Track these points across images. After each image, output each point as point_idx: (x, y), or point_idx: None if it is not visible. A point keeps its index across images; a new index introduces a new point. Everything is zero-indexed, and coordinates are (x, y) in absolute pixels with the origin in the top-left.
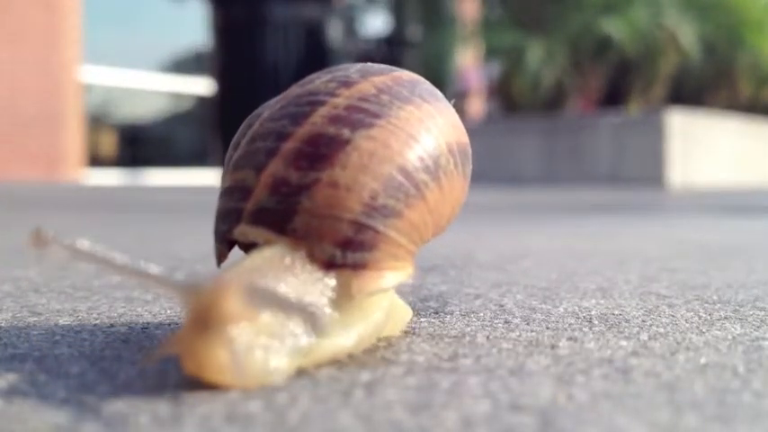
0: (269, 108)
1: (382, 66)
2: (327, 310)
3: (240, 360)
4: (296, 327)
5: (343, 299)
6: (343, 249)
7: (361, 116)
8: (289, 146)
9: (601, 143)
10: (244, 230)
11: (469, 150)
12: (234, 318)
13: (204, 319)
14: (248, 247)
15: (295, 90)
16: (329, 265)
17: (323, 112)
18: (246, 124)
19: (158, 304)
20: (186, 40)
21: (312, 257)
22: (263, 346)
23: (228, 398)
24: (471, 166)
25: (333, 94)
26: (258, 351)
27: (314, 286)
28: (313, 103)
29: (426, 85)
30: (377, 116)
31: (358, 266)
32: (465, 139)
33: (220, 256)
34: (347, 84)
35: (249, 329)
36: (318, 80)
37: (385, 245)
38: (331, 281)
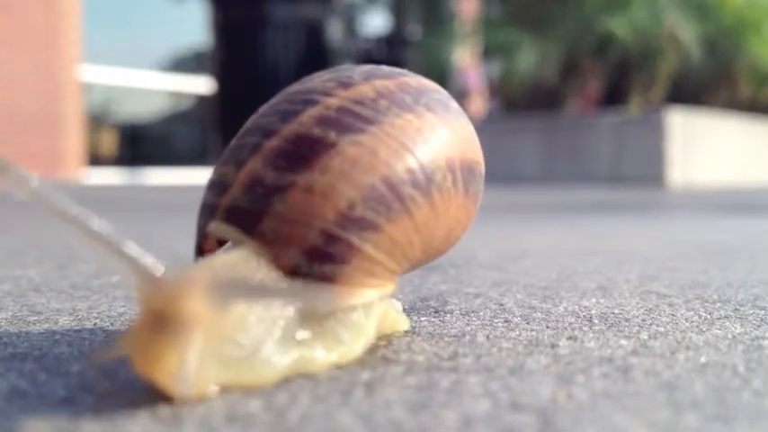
0: (267, 103)
1: (395, 69)
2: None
3: (190, 372)
4: (268, 328)
5: (307, 313)
6: (310, 259)
7: (351, 120)
8: (271, 144)
9: (601, 142)
10: (216, 227)
11: (478, 169)
12: (194, 319)
13: (162, 318)
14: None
15: (294, 87)
16: (294, 274)
17: (313, 111)
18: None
19: None
20: (186, 39)
21: (278, 264)
22: (219, 358)
23: (228, 398)
24: (481, 185)
25: (328, 94)
26: (211, 364)
27: (276, 304)
28: (306, 101)
29: (437, 94)
30: (369, 122)
31: (326, 279)
32: (474, 156)
33: (199, 251)
34: (346, 85)
35: (208, 335)
36: (319, 78)
37: (359, 260)
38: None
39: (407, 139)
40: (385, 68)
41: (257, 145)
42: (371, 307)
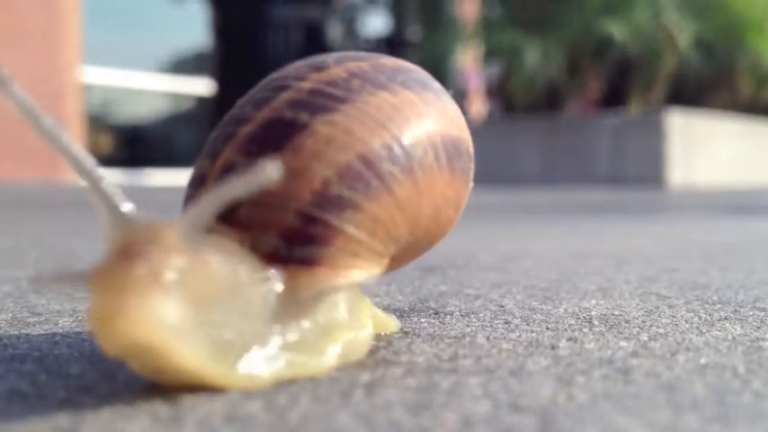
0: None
1: (372, 53)
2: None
3: (168, 312)
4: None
5: (290, 301)
6: (289, 242)
7: (323, 100)
8: (244, 131)
9: (601, 143)
10: None
11: (464, 145)
12: (171, 249)
13: (136, 247)
14: None
15: (270, 76)
16: (273, 259)
17: (285, 96)
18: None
19: None
20: (186, 40)
21: (256, 249)
22: (205, 332)
23: (228, 398)
24: (470, 163)
25: (300, 79)
26: (186, 308)
27: (256, 286)
28: (278, 88)
29: (415, 73)
30: (342, 101)
31: (307, 262)
32: (457, 132)
33: None
34: (319, 68)
35: (187, 279)
36: (293, 66)
37: (341, 240)
38: (276, 279)
39: (383, 116)
40: (361, 53)
41: (231, 134)
42: (358, 308)
